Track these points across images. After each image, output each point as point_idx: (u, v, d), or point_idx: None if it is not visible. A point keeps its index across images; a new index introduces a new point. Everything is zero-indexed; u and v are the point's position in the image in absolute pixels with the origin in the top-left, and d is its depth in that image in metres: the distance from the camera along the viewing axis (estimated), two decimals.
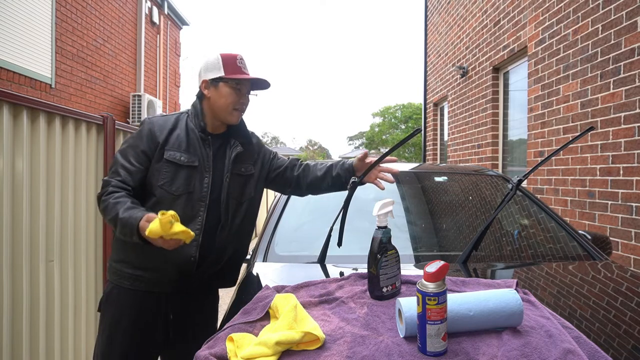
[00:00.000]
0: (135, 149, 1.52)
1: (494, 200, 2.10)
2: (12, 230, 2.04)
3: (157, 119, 1.59)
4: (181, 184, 1.52)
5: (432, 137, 8.30)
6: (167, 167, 1.52)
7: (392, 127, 30.88)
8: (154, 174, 1.52)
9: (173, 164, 1.53)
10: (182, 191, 1.52)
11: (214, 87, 1.55)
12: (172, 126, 1.57)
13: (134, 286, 1.55)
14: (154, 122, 1.57)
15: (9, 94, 2.01)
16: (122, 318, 1.55)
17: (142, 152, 1.52)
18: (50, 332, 2.28)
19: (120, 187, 1.46)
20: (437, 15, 7.79)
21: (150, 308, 1.56)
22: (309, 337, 0.91)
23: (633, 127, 2.96)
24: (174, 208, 1.40)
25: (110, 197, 1.42)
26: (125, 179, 1.48)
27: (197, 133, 1.58)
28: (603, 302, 1.22)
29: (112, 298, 1.57)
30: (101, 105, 6.62)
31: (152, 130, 1.54)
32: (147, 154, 1.52)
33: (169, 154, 1.53)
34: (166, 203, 1.50)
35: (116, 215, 1.36)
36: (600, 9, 3.32)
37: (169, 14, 9.30)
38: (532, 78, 4.36)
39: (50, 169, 2.31)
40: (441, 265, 0.89)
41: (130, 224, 1.33)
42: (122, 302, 1.55)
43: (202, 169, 1.56)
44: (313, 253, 1.60)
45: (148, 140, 1.53)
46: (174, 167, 1.52)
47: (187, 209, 1.51)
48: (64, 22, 5.75)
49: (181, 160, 1.53)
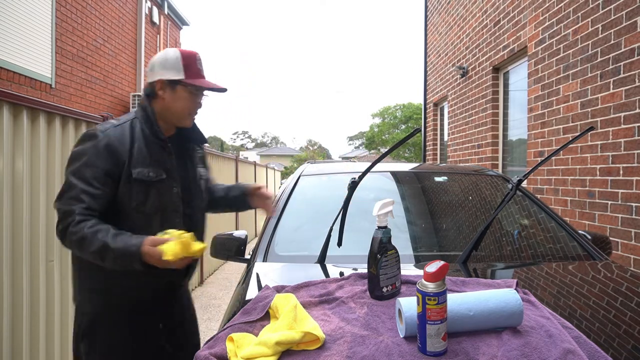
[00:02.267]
0: (94, 170, 1.32)
1: (494, 200, 2.10)
2: (12, 230, 2.04)
3: (112, 131, 1.40)
4: (154, 201, 1.42)
5: (432, 137, 8.30)
6: (137, 187, 1.39)
7: (392, 127, 30.87)
8: (122, 196, 1.38)
9: (143, 183, 1.40)
10: (156, 209, 1.43)
11: (171, 89, 1.43)
12: (131, 138, 1.41)
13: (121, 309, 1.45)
14: (111, 135, 1.38)
15: (9, 94, 2.01)
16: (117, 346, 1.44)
17: (105, 174, 1.34)
18: (50, 332, 2.28)
19: (88, 215, 1.29)
20: (437, 15, 7.79)
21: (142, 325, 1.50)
22: (309, 337, 0.91)
23: (633, 127, 2.96)
24: (151, 226, 1.36)
25: (81, 226, 1.26)
26: (90, 204, 1.30)
27: (155, 141, 1.46)
28: (603, 302, 1.22)
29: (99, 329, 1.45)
30: (101, 105, 6.62)
31: (111, 146, 1.36)
32: (111, 175, 1.35)
33: (137, 172, 1.39)
34: (141, 223, 1.40)
35: (104, 245, 1.24)
36: (600, 9, 3.32)
37: (169, 14, 9.30)
38: (532, 78, 4.36)
39: (50, 169, 2.31)
40: (441, 265, 0.89)
41: (130, 252, 1.24)
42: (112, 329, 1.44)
43: (170, 180, 1.48)
44: (313, 253, 1.60)
45: (110, 159, 1.35)
46: (144, 186, 1.40)
47: (165, 224, 1.41)
48: (64, 22, 5.75)
49: (150, 177, 1.41)
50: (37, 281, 2.18)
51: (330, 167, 2.63)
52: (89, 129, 1.43)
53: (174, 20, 9.67)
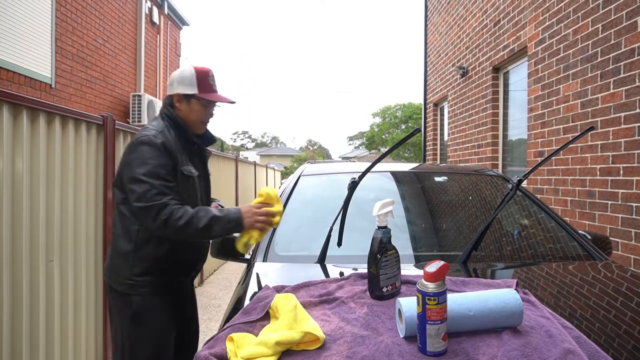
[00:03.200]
0: (165, 167, 1.54)
1: (494, 200, 2.10)
2: (12, 230, 2.04)
3: (160, 135, 1.60)
4: (191, 193, 1.67)
5: (432, 137, 8.30)
6: (184, 181, 1.63)
7: (392, 127, 30.85)
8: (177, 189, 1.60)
9: (188, 178, 1.64)
10: (193, 200, 1.66)
11: (186, 101, 1.68)
12: (173, 139, 1.64)
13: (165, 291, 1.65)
14: (162, 138, 1.59)
15: (9, 94, 2.00)
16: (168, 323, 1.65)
17: (172, 169, 1.57)
18: (50, 332, 2.28)
19: (178, 202, 1.52)
20: (437, 15, 7.79)
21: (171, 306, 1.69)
22: (309, 337, 0.91)
23: (633, 127, 2.96)
24: None
25: (182, 212, 1.48)
26: (174, 196, 1.53)
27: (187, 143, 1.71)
28: (603, 302, 1.22)
29: (151, 309, 1.61)
30: (101, 105, 6.62)
31: (167, 146, 1.58)
32: (175, 170, 1.59)
33: (184, 169, 1.63)
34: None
35: (213, 217, 1.50)
36: (600, 9, 3.32)
37: (169, 14, 9.29)
38: (532, 78, 4.36)
39: (50, 169, 2.31)
40: (441, 265, 0.89)
41: (236, 218, 1.52)
42: (160, 310, 1.63)
43: (198, 176, 1.72)
44: (313, 253, 1.60)
45: (170, 157, 1.57)
46: (188, 180, 1.65)
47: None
48: (64, 22, 5.75)
49: (192, 173, 1.66)
50: (37, 281, 2.18)
51: (330, 167, 2.63)
52: (139, 137, 1.58)
53: (174, 20, 9.67)
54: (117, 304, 1.65)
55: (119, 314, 1.64)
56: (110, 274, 1.66)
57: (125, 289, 1.60)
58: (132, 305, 1.60)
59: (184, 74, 1.66)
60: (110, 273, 1.66)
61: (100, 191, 2.80)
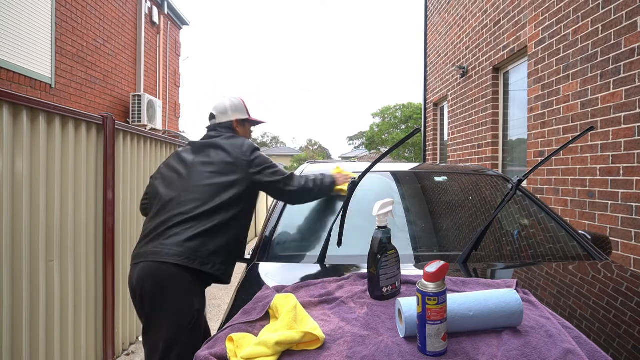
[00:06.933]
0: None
1: (494, 200, 2.10)
2: (12, 230, 2.04)
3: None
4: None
5: (432, 137, 8.30)
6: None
7: (392, 127, 30.85)
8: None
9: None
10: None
11: (242, 125, 2.14)
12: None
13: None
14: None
15: (9, 94, 2.01)
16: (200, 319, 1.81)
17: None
18: (50, 332, 2.28)
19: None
20: (437, 15, 7.79)
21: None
22: (309, 337, 0.91)
23: (633, 127, 2.96)
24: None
25: (305, 177, 1.92)
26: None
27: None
28: (603, 302, 1.22)
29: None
30: (101, 105, 6.62)
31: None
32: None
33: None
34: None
35: (330, 177, 1.95)
36: (600, 9, 3.32)
37: (169, 14, 9.29)
38: (532, 78, 4.36)
39: (50, 169, 2.31)
40: (441, 265, 0.89)
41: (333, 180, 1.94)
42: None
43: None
44: (313, 253, 1.60)
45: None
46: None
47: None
48: (64, 22, 5.75)
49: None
50: (37, 281, 2.18)
51: (330, 167, 2.62)
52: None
53: (174, 20, 9.67)
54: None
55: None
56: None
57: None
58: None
59: (235, 103, 2.12)
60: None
61: (100, 191, 2.80)
